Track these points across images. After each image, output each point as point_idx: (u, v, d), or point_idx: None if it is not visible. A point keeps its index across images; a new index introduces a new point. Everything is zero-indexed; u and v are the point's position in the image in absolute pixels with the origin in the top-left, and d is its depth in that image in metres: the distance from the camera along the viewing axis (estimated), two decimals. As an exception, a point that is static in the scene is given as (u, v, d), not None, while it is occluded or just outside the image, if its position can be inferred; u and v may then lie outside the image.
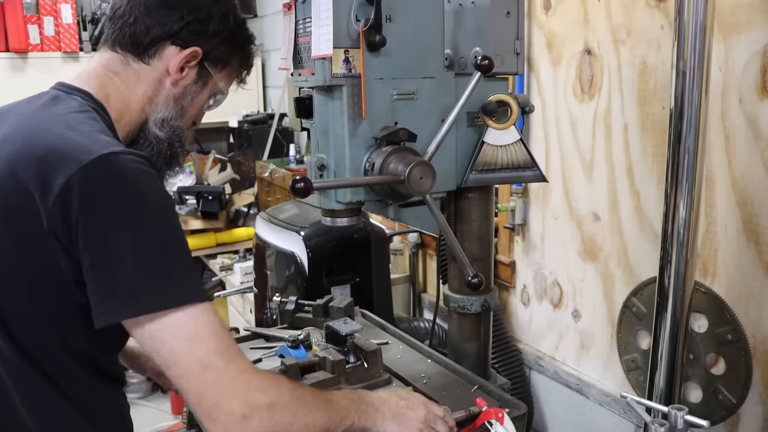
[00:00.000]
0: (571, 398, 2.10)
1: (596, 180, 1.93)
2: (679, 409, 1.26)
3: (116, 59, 1.23)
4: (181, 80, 1.24)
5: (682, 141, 1.35)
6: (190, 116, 1.31)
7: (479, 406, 1.33)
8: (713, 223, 1.60)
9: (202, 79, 1.27)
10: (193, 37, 1.22)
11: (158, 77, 1.23)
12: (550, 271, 2.15)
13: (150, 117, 1.24)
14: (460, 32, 1.54)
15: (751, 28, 1.47)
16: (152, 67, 1.22)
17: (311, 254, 2.23)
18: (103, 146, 1.03)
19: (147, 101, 1.23)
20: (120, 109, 1.21)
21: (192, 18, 1.22)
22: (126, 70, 1.22)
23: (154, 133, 1.24)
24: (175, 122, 1.26)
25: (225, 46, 1.27)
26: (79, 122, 1.10)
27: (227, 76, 1.32)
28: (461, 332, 1.66)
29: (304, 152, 3.90)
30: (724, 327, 1.51)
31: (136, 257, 0.99)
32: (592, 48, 1.89)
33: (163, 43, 1.21)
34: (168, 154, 1.27)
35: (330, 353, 1.55)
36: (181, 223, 3.80)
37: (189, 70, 1.24)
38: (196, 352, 0.99)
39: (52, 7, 4.30)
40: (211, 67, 1.26)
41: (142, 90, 1.23)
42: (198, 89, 1.27)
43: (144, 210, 1.01)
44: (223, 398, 0.97)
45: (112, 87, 1.21)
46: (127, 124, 1.23)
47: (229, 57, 1.29)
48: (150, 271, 1.00)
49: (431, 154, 1.35)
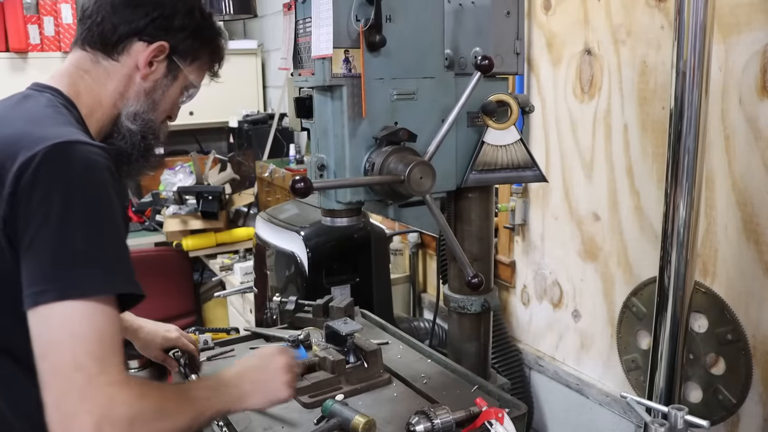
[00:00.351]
0: (571, 398, 2.10)
1: (596, 180, 1.93)
2: (679, 409, 1.26)
3: (86, 58, 1.28)
4: (150, 74, 1.29)
5: (682, 141, 1.35)
6: (163, 110, 1.34)
7: (479, 406, 1.33)
8: (713, 223, 1.60)
9: (172, 72, 1.31)
10: (160, 32, 1.27)
11: (128, 73, 1.28)
12: (550, 271, 2.15)
13: (122, 111, 1.29)
14: (460, 32, 1.54)
15: (751, 28, 1.47)
16: (121, 64, 1.27)
17: (311, 254, 2.23)
18: (60, 135, 1.06)
19: (118, 96, 1.28)
20: (91, 105, 1.26)
21: (157, 14, 1.27)
22: (96, 68, 1.27)
23: (126, 127, 1.28)
24: (147, 115, 1.30)
25: (192, 39, 1.31)
26: (43, 116, 1.14)
27: (198, 69, 1.36)
28: (461, 332, 1.66)
29: (304, 152, 3.90)
30: (724, 327, 1.51)
31: (53, 245, 1.00)
32: (592, 48, 1.89)
33: (131, 40, 1.26)
34: (142, 147, 1.31)
35: (330, 353, 1.55)
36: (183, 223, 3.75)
37: (158, 64, 1.29)
38: (76, 350, 0.96)
39: (52, 7, 4.30)
40: (179, 60, 1.31)
41: (113, 86, 1.27)
42: (168, 83, 1.31)
43: (78, 200, 1.02)
44: (83, 409, 0.94)
45: (83, 84, 1.26)
46: (100, 119, 1.28)
47: (197, 50, 1.33)
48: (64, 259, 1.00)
49: (431, 154, 1.35)
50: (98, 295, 1.00)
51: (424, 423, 1.27)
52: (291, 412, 1.44)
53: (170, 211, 3.82)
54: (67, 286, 0.99)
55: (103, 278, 1.02)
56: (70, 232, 1.01)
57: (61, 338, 0.97)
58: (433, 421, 1.27)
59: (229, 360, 1.73)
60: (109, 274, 1.03)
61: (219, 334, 1.91)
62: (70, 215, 1.01)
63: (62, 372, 0.96)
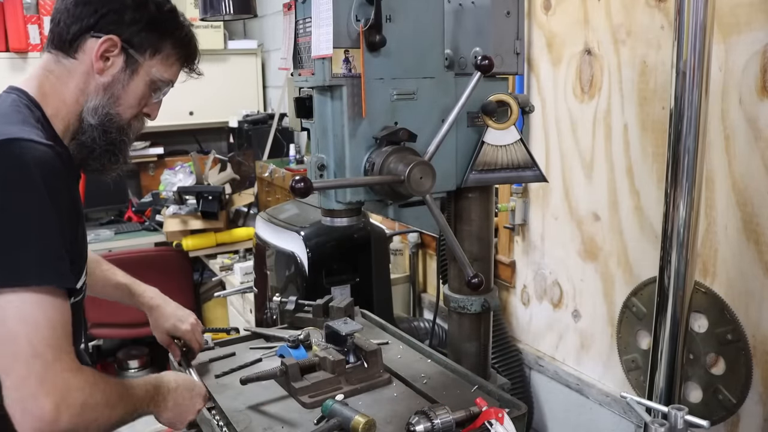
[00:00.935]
0: (571, 398, 2.10)
1: (596, 180, 1.93)
2: (679, 409, 1.26)
3: (51, 59, 1.34)
4: (107, 69, 1.31)
5: (682, 141, 1.35)
6: (129, 105, 1.36)
7: (479, 406, 1.33)
8: (713, 223, 1.60)
9: (131, 66, 1.33)
10: (111, 26, 1.30)
11: (86, 69, 1.31)
12: (550, 271, 2.15)
13: (84, 107, 1.32)
14: (460, 32, 1.54)
15: (751, 28, 1.47)
16: (79, 61, 1.31)
17: (311, 254, 2.23)
18: (9, 132, 1.12)
19: (79, 93, 1.32)
20: (56, 104, 1.31)
21: (106, 10, 1.30)
22: (59, 68, 1.32)
23: (87, 121, 1.32)
24: (107, 109, 1.33)
25: (147, 32, 1.33)
26: (1, 114, 1.20)
27: (162, 63, 1.37)
28: (461, 332, 1.66)
29: (304, 152, 3.90)
30: (724, 327, 1.51)
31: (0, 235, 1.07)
32: (592, 48, 1.89)
33: (83, 37, 1.30)
34: (103, 140, 1.33)
35: (330, 353, 1.55)
36: (183, 223, 3.75)
37: (113, 58, 1.31)
38: (32, 338, 1.05)
39: (52, 7, 4.30)
40: (136, 54, 1.33)
41: (74, 84, 1.31)
42: (128, 76, 1.33)
43: (20, 191, 1.09)
44: (41, 391, 1.04)
45: (48, 84, 1.31)
46: (66, 117, 1.32)
47: (157, 43, 1.35)
48: (7, 250, 1.07)
49: (431, 154, 1.35)
50: (46, 284, 1.08)
51: (424, 423, 1.27)
52: (291, 412, 1.44)
53: (170, 211, 3.82)
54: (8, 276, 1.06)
55: (53, 269, 1.10)
56: (13, 225, 1.08)
57: (18, 328, 1.06)
58: (433, 421, 1.27)
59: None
60: (52, 267, 1.11)
61: (219, 334, 1.91)
62: (7, 209, 1.08)
63: (21, 358, 1.05)
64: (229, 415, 1.43)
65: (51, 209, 1.11)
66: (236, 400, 1.49)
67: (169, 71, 1.39)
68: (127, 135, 1.38)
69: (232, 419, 1.41)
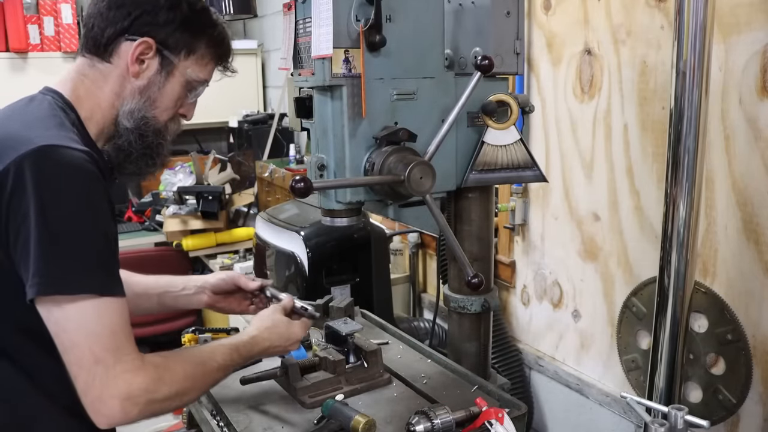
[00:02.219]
0: (571, 398, 2.10)
1: (596, 180, 1.93)
2: (679, 409, 1.26)
3: (85, 63, 1.32)
4: (143, 72, 1.30)
5: (682, 141, 1.35)
6: (165, 107, 1.34)
7: (479, 406, 1.33)
8: (713, 223, 1.60)
9: (166, 68, 1.32)
10: (145, 29, 1.29)
11: (121, 73, 1.30)
12: (550, 271, 2.15)
13: (120, 111, 1.31)
14: (460, 32, 1.54)
15: (751, 28, 1.47)
16: (114, 65, 1.30)
17: (311, 254, 2.23)
18: (46, 139, 1.12)
19: (115, 97, 1.31)
20: (91, 108, 1.29)
21: (139, 12, 1.28)
22: (93, 72, 1.31)
23: (123, 125, 1.31)
24: (143, 113, 1.32)
25: (181, 33, 1.31)
26: (37, 119, 1.20)
27: (197, 62, 1.35)
28: (461, 332, 1.66)
29: (304, 152, 3.89)
30: (724, 327, 1.51)
31: (49, 243, 1.08)
32: (592, 48, 1.89)
33: (118, 41, 1.29)
34: (140, 144, 1.32)
35: (330, 353, 1.55)
36: (183, 223, 3.75)
37: (148, 61, 1.30)
38: (93, 345, 1.09)
39: (52, 7, 4.30)
40: (171, 55, 1.31)
41: (109, 87, 1.30)
42: (163, 79, 1.32)
43: (65, 200, 1.09)
44: (106, 393, 1.09)
45: (83, 88, 1.30)
46: (101, 121, 1.31)
47: (191, 43, 1.33)
48: (57, 257, 1.08)
49: (431, 154, 1.35)
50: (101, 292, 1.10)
51: (424, 423, 1.27)
52: (291, 412, 1.44)
53: (170, 211, 3.82)
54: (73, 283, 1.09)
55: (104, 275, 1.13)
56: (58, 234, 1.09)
57: (79, 338, 1.09)
58: (433, 421, 1.27)
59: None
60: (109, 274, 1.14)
61: (219, 334, 1.91)
62: (50, 216, 1.08)
63: (84, 365, 1.09)
64: (229, 415, 1.43)
65: (95, 215, 1.12)
66: (236, 400, 1.49)
67: (204, 71, 1.37)
68: (164, 137, 1.36)
69: (232, 419, 1.41)
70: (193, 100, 1.39)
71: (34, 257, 1.07)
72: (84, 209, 1.11)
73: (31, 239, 1.07)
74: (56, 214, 1.08)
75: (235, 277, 1.65)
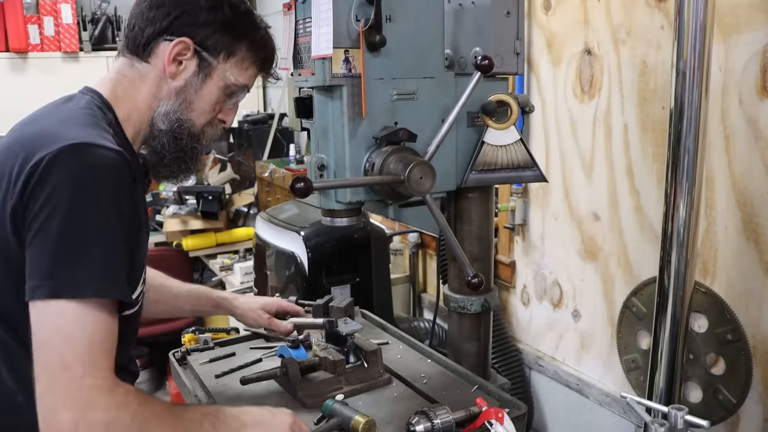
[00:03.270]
0: (571, 398, 2.10)
1: (596, 180, 1.93)
2: (679, 409, 1.26)
3: (125, 63, 1.31)
4: (180, 73, 1.28)
5: (682, 141, 1.35)
6: (202, 110, 1.32)
7: (479, 406, 1.33)
8: (713, 223, 1.60)
9: (204, 70, 1.29)
10: (184, 29, 1.26)
11: (159, 74, 1.28)
12: (550, 271, 2.15)
13: (156, 112, 1.29)
14: (460, 32, 1.54)
15: (751, 28, 1.47)
16: (152, 65, 1.28)
17: (311, 254, 2.23)
18: (79, 137, 1.09)
19: (152, 98, 1.29)
20: (129, 108, 1.28)
21: (179, 12, 1.26)
22: (132, 72, 1.30)
23: (157, 127, 1.29)
24: (179, 115, 1.29)
25: (221, 34, 1.28)
26: (73, 117, 1.18)
27: (237, 66, 1.32)
28: (461, 332, 1.66)
29: (304, 152, 3.89)
30: (724, 327, 1.51)
31: (56, 243, 1.04)
32: (592, 48, 1.89)
33: (157, 41, 1.27)
34: (173, 147, 1.30)
35: (330, 353, 1.55)
36: (183, 223, 3.73)
37: (186, 62, 1.28)
38: (64, 350, 1.01)
39: (52, 7, 4.30)
40: (210, 56, 1.28)
41: (146, 88, 1.29)
42: (201, 80, 1.29)
43: (87, 199, 1.05)
44: (62, 406, 0.99)
45: (121, 88, 1.29)
46: (138, 122, 1.29)
47: (231, 45, 1.30)
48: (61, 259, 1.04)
49: (431, 154, 1.35)
50: (86, 298, 1.03)
51: (424, 423, 1.27)
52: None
53: (170, 211, 3.82)
54: (60, 285, 1.03)
55: (96, 282, 1.05)
56: (69, 232, 1.04)
57: (52, 336, 1.02)
58: (433, 421, 1.27)
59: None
60: (101, 279, 1.05)
61: (219, 334, 1.91)
62: (71, 217, 1.04)
63: (49, 368, 1.01)
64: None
65: (112, 217, 1.07)
66: (236, 400, 1.49)
67: (245, 75, 1.33)
68: (200, 142, 1.33)
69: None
70: (232, 106, 1.36)
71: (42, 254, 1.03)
72: (106, 211, 1.07)
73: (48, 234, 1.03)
74: (76, 214, 1.04)
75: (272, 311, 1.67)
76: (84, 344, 1.02)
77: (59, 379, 1.00)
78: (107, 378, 1.03)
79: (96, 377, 1.02)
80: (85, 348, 1.02)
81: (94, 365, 1.02)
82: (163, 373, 4.11)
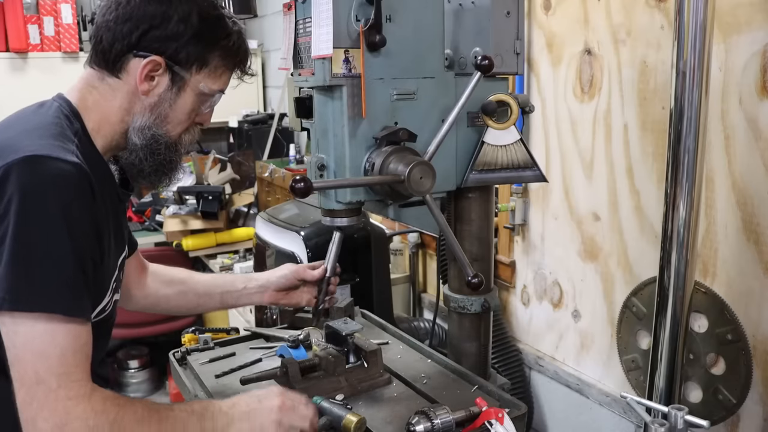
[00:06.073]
0: (571, 398, 2.10)
1: (596, 180, 1.93)
2: (679, 409, 1.26)
3: (94, 75, 1.28)
4: (153, 89, 1.26)
5: (682, 141, 1.35)
6: (178, 121, 1.31)
7: (479, 406, 1.32)
8: (713, 223, 1.60)
9: (177, 83, 1.27)
10: (154, 44, 1.24)
11: (130, 89, 1.26)
12: (550, 271, 2.15)
13: (130, 126, 1.28)
14: (460, 32, 1.54)
15: (751, 28, 1.47)
16: (123, 81, 1.26)
17: (311, 254, 2.23)
18: (36, 149, 1.09)
19: (125, 112, 1.28)
20: (98, 120, 1.27)
21: (147, 26, 1.23)
22: (102, 85, 1.28)
23: (133, 141, 1.28)
24: (155, 130, 1.28)
25: (192, 46, 1.26)
26: (39, 125, 1.18)
27: (210, 75, 1.30)
28: (461, 332, 1.66)
29: (304, 152, 3.90)
30: (724, 327, 1.51)
31: (12, 256, 1.04)
32: (592, 48, 1.89)
33: (126, 57, 1.25)
34: (151, 161, 1.30)
35: (330, 353, 1.55)
36: (183, 223, 3.74)
37: (159, 78, 1.25)
38: (38, 366, 1.04)
39: (52, 7, 4.30)
40: (182, 70, 1.26)
41: (117, 103, 1.27)
42: (174, 94, 1.27)
43: (39, 213, 1.06)
44: (40, 417, 1.03)
45: (91, 99, 1.27)
46: (110, 133, 1.28)
47: (203, 56, 1.28)
48: (21, 273, 1.04)
49: (431, 154, 1.35)
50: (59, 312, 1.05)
51: (424, 423, 1.27)
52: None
53: (170, 211, 3.83)
54: (19, 300, 1.04)
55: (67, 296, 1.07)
56: (20, 247, 1.05)
57: (24, 353, 1.05)
58: (433, 421, 1.27)
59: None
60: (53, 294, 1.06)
61: (219, 334, 1.91)
62: (20, 231, 1.05)
63: (26, 383, 1.04)
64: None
65: (72, 232, 1.08)
66: (236, 400, 1.49)
67: (218, 81, 1.32)
68: (177, 151, 1.33)
69: (232, 419, 1.40)
70: (208, 109, 1.36)
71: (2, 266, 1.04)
72: (60, 225, 1.06)
73: (4, 249, 1.04)
74: (29, 228, 1.04)
75: (299, 271, 1.63)
76: (55, 358, 1.05)
77: (36, 393, 1.03)
78: (83, 386, 1.06)
79: (71, 388, 1.05)
80: (57, 362, 1.04)
81: (68, 377, 1.05)
82: (163, 373, 4.12)
